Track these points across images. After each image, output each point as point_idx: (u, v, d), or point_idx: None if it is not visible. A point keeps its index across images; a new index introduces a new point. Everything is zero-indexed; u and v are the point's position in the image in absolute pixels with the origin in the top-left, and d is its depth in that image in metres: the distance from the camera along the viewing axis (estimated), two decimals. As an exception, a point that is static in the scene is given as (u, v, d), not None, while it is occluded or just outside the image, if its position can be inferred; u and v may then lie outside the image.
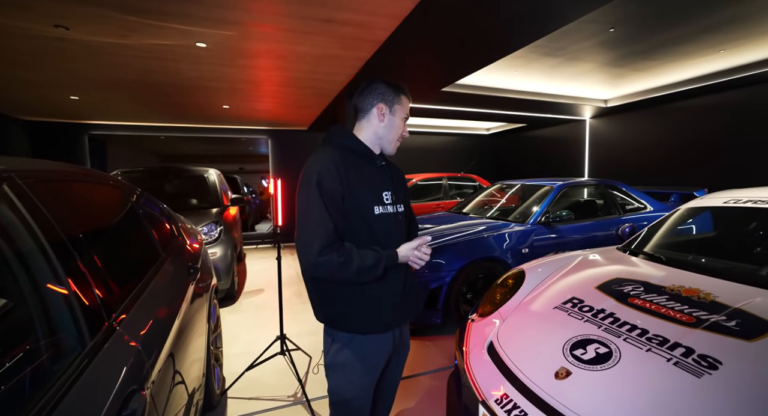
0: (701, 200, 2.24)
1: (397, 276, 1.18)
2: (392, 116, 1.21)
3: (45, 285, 0.74)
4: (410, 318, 1.30)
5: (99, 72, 3.51)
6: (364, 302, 1.13)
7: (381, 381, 1.32)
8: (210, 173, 4.44)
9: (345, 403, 1.18)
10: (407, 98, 1.25)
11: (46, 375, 0.65)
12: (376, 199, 1.16)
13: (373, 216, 1.13)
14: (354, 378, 1.16)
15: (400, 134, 1.25)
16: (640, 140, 6.09)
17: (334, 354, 1.17)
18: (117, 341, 0.83)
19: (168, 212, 1.93)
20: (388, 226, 1.17)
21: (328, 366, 1.19)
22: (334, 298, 1.14)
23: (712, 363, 1.06)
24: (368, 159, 1.21)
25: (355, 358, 1.15)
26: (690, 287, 1.49)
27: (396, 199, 1.22)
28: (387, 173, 1.25)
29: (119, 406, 0.70)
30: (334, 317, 1.16)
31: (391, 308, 1.17)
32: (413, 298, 1.29)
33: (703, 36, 3.42)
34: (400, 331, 1.26)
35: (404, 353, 1.36)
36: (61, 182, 1.02)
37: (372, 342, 1.17)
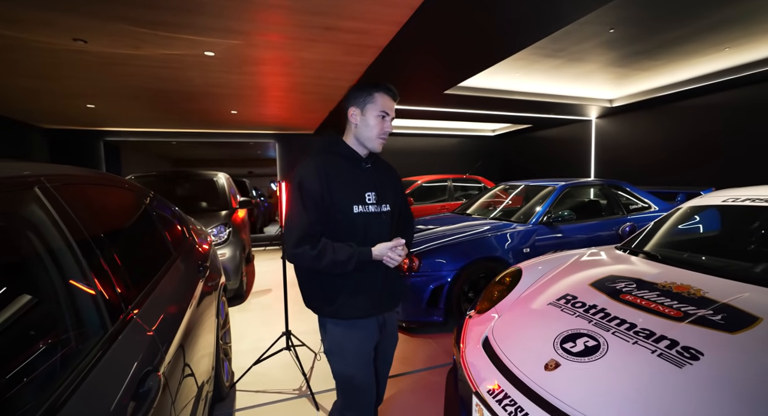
0: (701, 199, 2.26)
1: (377, 268, 1.27)
2: (364, 117, 1.25)
3: (71, 278, 0.83)
4: (392, 308, 1.38)
5: (114, 81, 3.67)
6: (345, 290, 1.25)
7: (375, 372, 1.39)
8: (219, 176, 4.57)
9: (350, 384, 1.29)
10: (384, 94, 1.26)
11: (73, 355, 0.73)
12: (358, 199, 1.25)
13: (353, 214, 1.23)
14: (350, 359, 1.27)
15: (381, 131, 1.27)
16: (647, 139, 6.06)
17: (329, 340, 1.29)
18: (134, 329, 0.92)
19: (179, 214, 2.04)
20: (368, 224, 1.25)
21: (326, 352, 1.31)
22: (318, 287, 1.27)
23: (694, 355, 1.10)
24: (354, 162, 1.29)
25: (346, 342, 1.27)
26: (681, 283, 1.53)
27: (380, 199, 1.30)
28: (373, 175, 1.32)
29: (137, 383, 0.79)
30: (320, 304, 1.28)
31: (370, 297, 1.27)
32: (394, 289, 1.37)
33: (706, 35, 3.42)
34: (383, 319, 1.35)
35: (391, 343, 1.44)
36: (84, 185, 1.12)
37: (356, 327, 1.27)
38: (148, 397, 0.80)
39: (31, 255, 0.77)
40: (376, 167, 1.36)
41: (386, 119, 1.27)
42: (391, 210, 1.34)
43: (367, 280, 1.27)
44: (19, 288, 0.71)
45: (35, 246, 0.78)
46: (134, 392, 0.78)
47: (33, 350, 0.67)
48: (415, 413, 1.95)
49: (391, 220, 1.34)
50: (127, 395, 0.75)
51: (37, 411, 0.58)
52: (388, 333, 1.40)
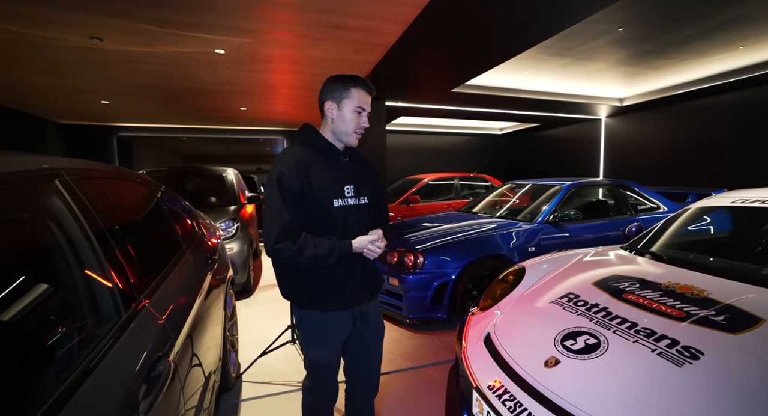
0: (709, 199, 2.24)
1: (355, 262, 1.30)
2: (341, 111, 1.25)
3: (88, 267, 0.87)
4: (370, 299, 1.40)
5: (127, 78, 3.75)
6: (323, 283, 1.26)
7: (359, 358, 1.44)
8: (228, 172, 4.63)
9: (321, 370, 1.35)
10: (361, 89, 1.25)
11: (90, 339, 0.77)
12: (337, 192, 1.26)
13: (333, 208, 1.24)
14: (324, 349, 1.32)
15: (357, 126, 1.27)
16: (657, 139, 5.97)
17: (305, 331, 1.33)
18: (146, 317, 0.96)
19: (189, 209, 2.09)
20: (348, 217, 1.28)
21: (302, 341, 1.36)
22: (297, 280, 1.28)
23: (695, 354, 1.10)
24: (332, 155, 1.30)
25: (322, 332, 1.31)
26: (685, 284, 1.52)
27: (358, 192, 1.31)
28: (350, 168, 1.33)
29: (149, 367, 0.83)
30: (299, 296, 1.30)
31: (348, 289, 1.30)
32: (372, 281, 1.40)
33: (719, 33, 3.36)
34: (360, 311, 1.36)
35: (377, 334, 1.45)
36: (100, 178, 1.17)
37: (333, 319, 1.30)
38: (158, 381, 0.84)
39: (51, 245, 0.81)
40: (353, 160, 1.36)
41: (362, 115, 1.27)
42: (368, 202, 1.35)
43: (345, 272, 1.28)
44: (40, 276, 0.75)
45: (56, 236, 0.82)
46: (146, 376, 0.82)
47: (53, 334, 0.71)
48: (418, 408, 1.98)
49: (368, 212, 1.36)
50: (139, 378, 0.79)
51: (56, 390, 0.62)
52: (371, 324, 1.41)
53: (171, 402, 0.91)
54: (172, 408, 0.92)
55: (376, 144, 4.72)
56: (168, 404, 0.89)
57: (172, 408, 0.91)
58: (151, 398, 0.79)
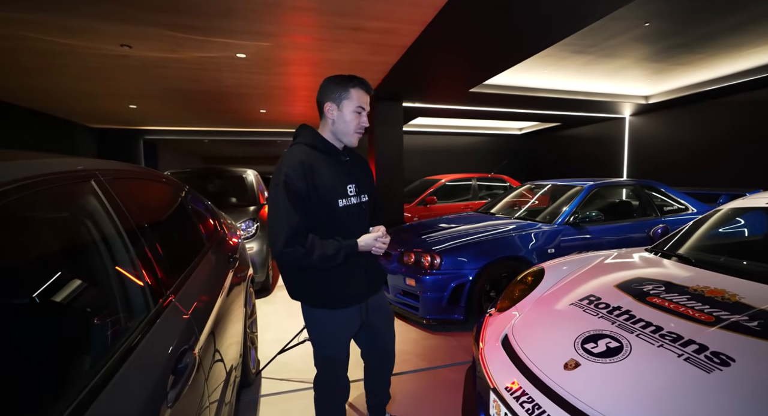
0: (743, 200, 2.14)
1: (359, 261, 1.33)
2: (341, 112, 1.27)
3: (120, 263, 0.92)
4: (375, 293, 1.45)
5: (154, 83, 3.91)
6: (330, 282, 1.30)
7: (376, 347, 1.55)
8: (248, 173, 4.75)
9: (334, 362, 1.40)
10: (360, 89, 1.27)
11: (122, 332, 0.82)
12: (341, 193, 1.28)
13: (338, 208, 1.26)
14: (332, 343, 1.38)
15: (358, 126, 1.29)
16: (687, 137, 5.73)
17: (315, 329, 1.38)
18: (172, 311, 1.01)
19: (212, 208, 2.16)
20: (352, 216, 1.31)
21: (312, 339, 1.41)
22: (305, 280, 1.32)
23: (725, 360, 1.06)
24: (333, 156, 1.31)
25: (331, 329, 1.36)
26: (715, 288, 1.46)
27: (359, 190, 1.34)
28: (351, 167, 1.36)
29: (176, 359, 0.86)
30: (307, 296, 1.34)
31: (354, 286, 1.35)
32: (376, 275, 1.44)
33: (752, 26, 3.21)
34: (366, 305, 1.41)
35: (387, 320, 1.51)
36: (130, 179, 1.23)
37: (340, 315, 1.35)
38: (185, 373, 0.88)
39: (88, 242, 0.86)
40: (352, 160, 1.38)
41: (362, 114, 1.29)
42: (369, 200, 1.38)
43: (351, 270, 1.32)
44: (77, 272, 0.80)
45: (91, 234, 0.87)
46: (173, 367, 0.85)
47: (87, 327, 0.76)
48: (434, 408, 1.98)
49: (369, 210, 1.40)
50: (167, 369, 0.83)
51: (93, 378, 0.66)
52: (379, 314, 1.47)
53: (196, 394, 0.95)
54: (197, 400, 0.95)
55: (393, 145, 4.72)
56: (193, 395, 0.92)
57: (196, 399, 0.95)
58: (179, 388, 0.82)
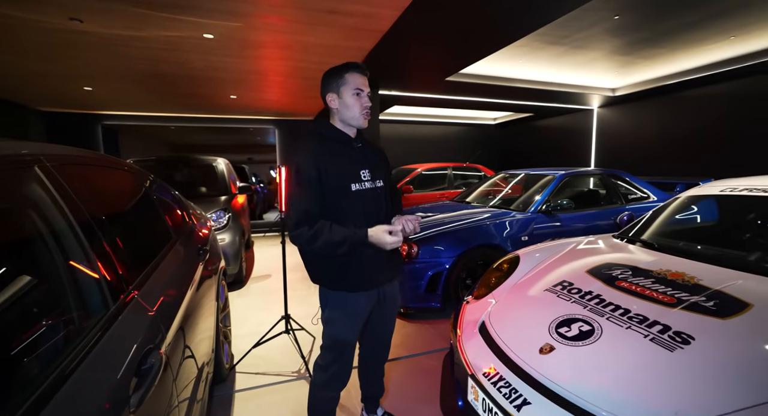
0: (699, 188, 2.26)
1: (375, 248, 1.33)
2: (342, 99, 1.32)
3: (73, 257, 0.83)
4: (391, 280, 1.49)
5: (111, 63, 3.61)
6: (352, 266, 1.34)
7: (376, 333, 1.56)
8: (218, 162, 4.55)
9: (340, 345, 1.42)
10: (354, 72, 1.31)
11: (76, 332, 0.75)
12: (354, 177, 1.34)
13: (351, 192, 1.32)
14: (345, 326, 1.41)
15: (362, 107, 1.33)
16: (648, 129, 6.02)
17: (330, 310, 1.41)
18: (135, 308, 0.93)
19: (179, 198, 2.04)
20: (367, 199, 1.34)
21: (325, 320, 1.43)
22: (325, 263, 1.36)
23: (686, 339, 1.12)
24: (345, 143, 1.38)
25: (345, 311, 1.40)
26: (676, 271, 1.54)
27: (374, 176, 1.39)
28: (363, 154, 1.41)
29: (139, 360, 0.80)
30: (328, 279, 1.39)
31: (373, 271, 1.39)
32: (393, 262, 1.47)
33: (712, 22, 3.36)
34: (383, 289, 1.46)
35: (393, 307, 1.56)
36: (83, 166, 1.12)
37: (358, 298, 1.39)
38: (150, 374, 0.82)
39: (32, 235, 0.77)
40: (365, 146, 1.44)
41: (362, 95, 1.33)
42: (384, 186, 1.43)
43: (371, 255, 1.35)
44: (22, 268, 0.72)
45: (37, 226, 0.79)
46: (136, 368, 0.79)
47: (36, 328, 0.68)
48: (414, 396, 2.00)
49: (385, 194, 1.43)
50: (129, 371, 0.77)
51: (41, 385, 0.60)
52: (388, 302, 1.51)
53: (164, 395, 0.89)
54: (165, 401, 0.90)
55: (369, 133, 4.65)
56: (160, 396, 0.87)
57: (164, 400, 0.90)
58: (143, 391, 0.77)
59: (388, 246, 1.27)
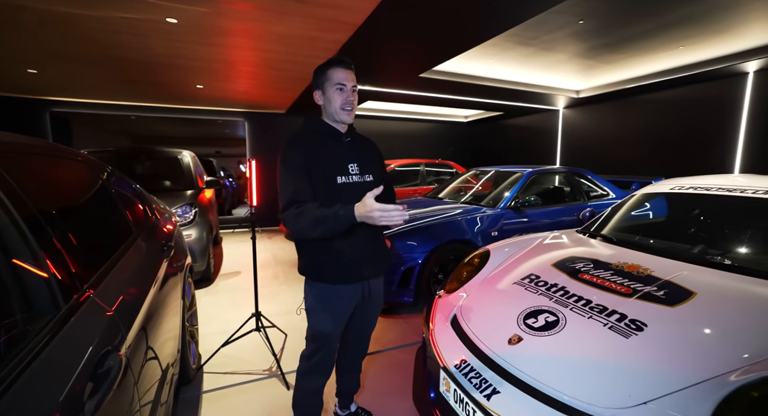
0: (651, 187, 2.42)
1: (357, 239, 1.36)
2: (326, 95, 1.35)
3: (16, 254, 0.76)
4: (375, 275, 1.48)
5: (61, 45, 3.32)
6: (331, 257, 1.35)
7: (356, 329, 1.57)
8: (184, 154, 4.34)
9: (319, 337, 1.43)
10: (337, 68, 1.33)
11: (19, 336, 0.68)
12: (340, 170, 1.35)
13: (336, 185, 1.33)
14: (327, 319, 1.41)
15: (343, 101, 1.34)
16: (608, 130, 6.37)
17: (312, 300, 1.42)
18: (90, 309, 0.87)
19: (140, 192, 1.92)
20: (353, 194, 1.32)
21: (308, 310, 1.44)
22: (310, 254, 1.39)
23: (640, 326, 1.20)
24: (333, 137, 1.39)
25: (327, 304, 1.40)
26: (632, 263, 1.65)
27: (363, 170, 1.40)
28: (353, 148, 1.43)
29: (95, 363, 0.75)
30: (310, 269, 1.40)
31: (353, 265, 1.38)
32: (377, 257, 1.47)
33: (663, 32, 3.59)
34: (368, 285, 1.46)
35: (375, 306, 1.56)
36: (29, 155, 1.02)
37: (341, 291, 1.40)
38: (107, 378, 0.77)
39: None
40: (356, 141, 1.46)
41: (345, 90, 1.34)
42: (374, 181, 1.42)
43: (351, 246, 1.36)
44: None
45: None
46: (92, 372, 0.74)
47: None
48: (387, 390, 2.02)
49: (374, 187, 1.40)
50: (83, 375, 0.72)
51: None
52: (372, 299, 1.51)
53: (124, 399, 0.84)
54: (125, 405, 0.85)
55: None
56: (120, 401, 0.82)
57: (125, 405, 0.84)
58: (100, 396, 0.72)
59: (377, 220, 1.14)
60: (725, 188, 1.92)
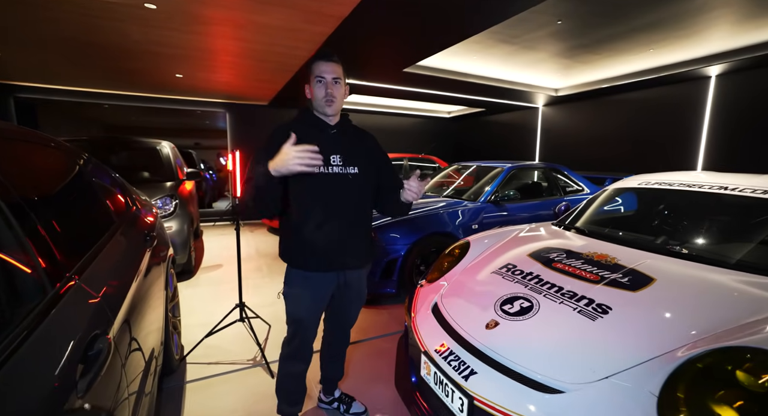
0: (621, 182, 2.56)
1: (332, 228, 1.39)
2: (312, 88, 1.40)
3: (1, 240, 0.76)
4: (353, 267, 1.50)
5: (28, 27, 3.16)
6: (306, 245, 1.39)
7: (336, 318, 1.62)
8: (163, 145, 4.22)
9: (298, 322, 1.48)
10: (317, 61, 1.37)
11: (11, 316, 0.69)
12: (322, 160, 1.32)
13: (316, 174, 1.33)
14: (304, 304, 1.46)
15: (323, 94, 1.36)
16: (584, 128, 6.61)
17: (289, 285, 1.47)
18: (78, 293, 0.88)
19: (121, 182, 1.89)
20: (333, 184, 1.36)
21: (285, 294, 1.49)
22: (287, 241, 1.44)
23: (605, 309, 1.30)
24: (319, 128, 1.42)
25: (302, 289, 1.45)
26: (601, 253, 1.76)
27: (346, 161, 1.41)
28: (338, 140, 1.44)
29: (84, 346, 0.76)
30: (288, 256, 1.45)
31: (329, 254, 1.41)
32: (356, 249, 1.47)
33: (635, 35, 3.76)
34: (344, 277, 1.48)
35: (356, 298, 1.59)
36: (9, 141, 1.00)
37: (315, 279, 1.44)
38: (98, 360, 0.79)
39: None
40: (345, 133, 1.46)
41: (323, 83, 1.36)
42: (359, 173, 1.42)
43: (326, 234, 1.39)
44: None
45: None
46: (83, 354, 0.76)
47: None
48: (370, 376, 2.08)
49: (359, 182, 1.43)
50: (75, 357, 0.73)
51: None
52: (352, 291, 1.54)
53: (112, 382, 0.86)
54: (114, 388, 0.86)
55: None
56: (109, 383, 0.83)
57: (113, 387, 0.86)
58: (91, 376, 0.74)
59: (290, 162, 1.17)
60: (686, 183, 2.06)
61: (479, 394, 1.19)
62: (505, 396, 1.14)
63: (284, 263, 1.48)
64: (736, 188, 1.85)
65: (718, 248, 1.76)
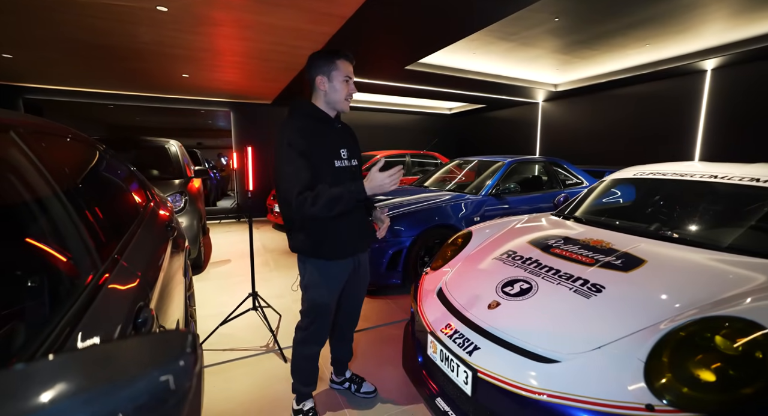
0: (618, 173, 2.65)
1: (353, 218, 1.49)
2: (332, 83, 1.42)
3: (59, 221, 0.86)
4: (364, 250, 1.63)
5: (41, 30, 3.26)
6: (328, 236, 1.46)
7: (349, 300, 1.70)
8: (171, 144, 4.33)
9: (321, 308, 1.55)
10: (344, 60, 1.43)
11: (73, 287, 0.79)
12: (335, 155, 1.45)
13: (335, 168, 1.43)
14: (323, 292, 1.53)
15: (348, 93, 1.45)
16: (583, 123, 6.69)
17: (308, 276, 1.51)
18: (122, 269, 0.98)
19: (140, 176, 1.99)
20: (345, 176, 1.46)
21: (304, 286, 1.54)
22: (306, 234, 1.47)
23: (599, 289, 1.40)
24: (326, 123, 1.47)
25: (323, 278, 1.52)
26: (597, 239, 1.85)
27: (350, 155, 1.51)
28: (342, 134, 1.53)
29: (134, 314, 0.87)
30: (305, 248, 1.49)
31: (349, 240, 1.50)
32: (367, 233, 1.61)
33: (631, 30, 3.83)
34: (358, 259, 1.60)
35: (364, 281, 1.71)
36: (51, 135, 1.11)
37: (336, 266, 1.52)
38: (144, 329, 0.89)
39: (22, 201, 0.79)
40: (344, 127, 1.56)
41: (350, 83, 1.45)
42: (358, 164, 1.55)
43: (348, 225, 1.48)
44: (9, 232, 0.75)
45: (19, 191, 0.81)
46: (134, 321, 0.86)
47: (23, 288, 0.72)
48: (378, 360, 2.18)
49: (359, 173, 1.55)
50: (128, 323, 0.84)
51: (51, 333, 0.65)
52: (361, 272, 1.65)
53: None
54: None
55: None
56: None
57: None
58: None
59: (387, 186, 1.30)
60: (678, 173, 2.16)
61: (482, 367, 1.29)
62: (506, 367, 1.24)
63: (291, 257, 1.57)
64: (725, 177, 1.94)
65: (707, 233, 1.85)
